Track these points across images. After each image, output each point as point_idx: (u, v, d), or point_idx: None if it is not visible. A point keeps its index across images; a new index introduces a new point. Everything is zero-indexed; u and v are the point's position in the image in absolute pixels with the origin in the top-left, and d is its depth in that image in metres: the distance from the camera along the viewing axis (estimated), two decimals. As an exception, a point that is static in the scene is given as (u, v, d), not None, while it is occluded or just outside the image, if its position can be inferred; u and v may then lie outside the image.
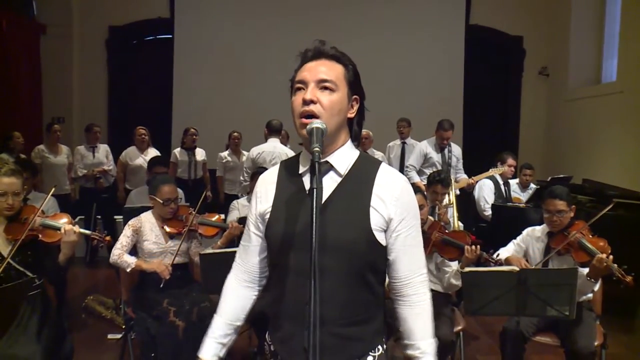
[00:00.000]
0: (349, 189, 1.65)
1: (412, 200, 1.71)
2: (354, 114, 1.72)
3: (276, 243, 1.69)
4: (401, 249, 1.68)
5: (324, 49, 1.71)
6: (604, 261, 3.29)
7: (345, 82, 1.67)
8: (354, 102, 1.71)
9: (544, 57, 10.54)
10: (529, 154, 9.73)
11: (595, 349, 3.49)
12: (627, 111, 8.16)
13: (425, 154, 6.33)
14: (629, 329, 5.28)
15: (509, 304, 3.04)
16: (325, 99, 1.62)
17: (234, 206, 5.11)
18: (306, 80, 1.65)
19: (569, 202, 3.65)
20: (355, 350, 1.66)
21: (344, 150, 1.70)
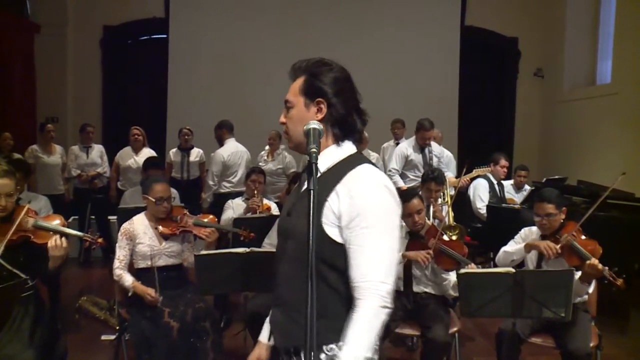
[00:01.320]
0: (320, 184, 1.68)
1: (373, 201, 1.69)
2: (321, 116, 1.79)
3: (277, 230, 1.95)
4: (350, 247, 1.69)
5: (293, 69, 1.88)
6: (595, 266, 3.29)
7: (301, 94, 1.81)
8: (320, 105, 1.80)
9: (539, 59, 10.57)
10: (524, 155, 9.75)
11: (591, 350, 3.49)
12: (621, 112, 8.19)
13: (406, 156, 6.23)
14: (623, 330, 5.29)
15: (505, 306, 3.04)
16: (287, 116, 1.86)
17: (228, 205, 5.10)
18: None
19: (558, 204, 3.64)
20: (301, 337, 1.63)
21: (328, 151, 1.80)
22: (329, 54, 1.94)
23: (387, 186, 1.73)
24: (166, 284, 3.78)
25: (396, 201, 1.73)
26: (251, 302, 4.04)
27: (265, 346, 1.95)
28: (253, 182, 5.08)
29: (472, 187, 6.33)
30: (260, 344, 1.96)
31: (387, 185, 1.73)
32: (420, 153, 6.27)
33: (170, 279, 3.85)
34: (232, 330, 4.74)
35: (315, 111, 1.78)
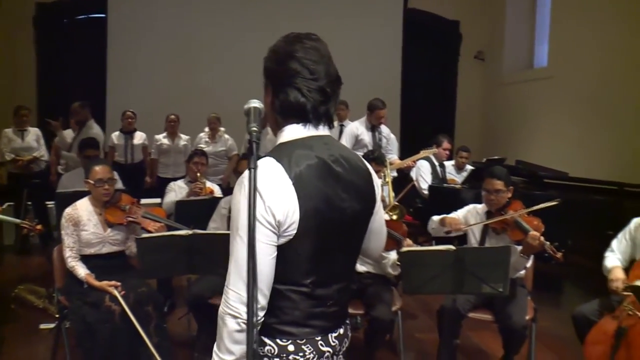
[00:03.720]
0: None
1: (235, 201, 1.56)
2: (269, 99, 1.67)
3: None
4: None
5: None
6: (536, 238, 3.40)
7: (263, 77, 1.69)
8: (267, 87, 1.69)
9: (479, 42, 10.77)
10: (465, 136, 9.94)
11: (527, 323, 3.62)
12: (557, 95, 8.46)
13: (356, 136, 6.27)
14: (558, 303, 5.52)
15: (446, 283, 3.10)
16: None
17: (171, 188, 5.04)
18: None
19: (507, 182, 3.75)
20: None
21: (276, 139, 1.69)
22: (272, 35, 1.82)
23: (257, 185, 1.47)
24: (108, 271, 3.70)
25: (265, 203, 1.50)
26: (194, 285, 4.01)
27: None
28: (195, 164, 5.02)
29: (415, 169, 6.43)
30: None
31: (256, 185, 1.47)
32: (370, 133, 6.31)
33: (113, 266, 3.79)
34: (177, 314, 4.70)
35: (269, 94, 1.67)
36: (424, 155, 6.27)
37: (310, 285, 1.61)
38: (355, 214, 1.68)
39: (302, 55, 1.63)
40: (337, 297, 1.69)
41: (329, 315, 1.68)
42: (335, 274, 1.69)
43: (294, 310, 1.61)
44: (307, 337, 1.63)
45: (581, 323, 3.56)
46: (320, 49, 1.68)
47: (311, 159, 1.59)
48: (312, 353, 1.63)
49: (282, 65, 1.63)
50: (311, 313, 1.63)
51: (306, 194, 1.54)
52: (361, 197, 1.70)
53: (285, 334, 1.61)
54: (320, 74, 1.64)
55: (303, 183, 1.55)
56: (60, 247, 3.79)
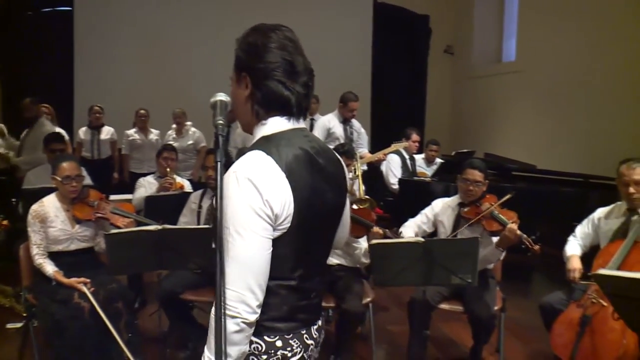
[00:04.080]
0: None
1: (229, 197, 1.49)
2: (247, 92, 1.63)
3: None
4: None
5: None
6: (514, 231, 3.45)
7: (235, 69, 1.66)
8: (242, 79, 1.63)
9: (449, 36, 10.86)
10: (435, 130, 10.03)
11: (495, 313, 3.69)
12: (525, 89, 8.58)
13: (328, 129, 6.29)
14: (526, 293, 5.61)
15: (415, 274, 3.12)
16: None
17: (140, 184, 4.99)
18: None
19: (485, 175, 3.80)
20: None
21: (255, 131, 1.66)
22: (241, 29, 1.77)
23: (253, 180, 1.49)
24: (77, 267, 3.66)
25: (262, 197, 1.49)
26: (165, 281, 3.98)
27: None
28: (165, 159, 4.98)
29: (385, 162, 6.47)
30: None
31: (252, 179, 1.49)
32: (342, 126, 6.34)
33: (82, 263, 3.74)
34: (148, 310, 4.67)
35: (244, 87, 1.63)
36: (394, 149, 6.30)
37: (298, 278, 1.61)
38: (335, 204, 1.71)
39: (280, 47, 1.63)
40: (319, 289, 1.71)
41: (312, 308, 1.69)
42: (317, 266, 1.70)
43: (283, 305, 1.60)
44: (294, 332, 1.63)
45: (548, 312, 3.63)
46: (296, 41, 1.69)
47: (297, 151, 1.59)
48: (299, 347, 1.64)
49: (261, 58, 1.61)
50: (297, 307, 1.63)
51: (297, 186, 1.54)
52: (339, 188, 1.72)
53: (273, 330, 1.60)
54: (300, 67, 1.66)
55: (294, 175, 1.54)
56: (27, 244, 3.73)
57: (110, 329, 3.38)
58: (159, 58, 9.20)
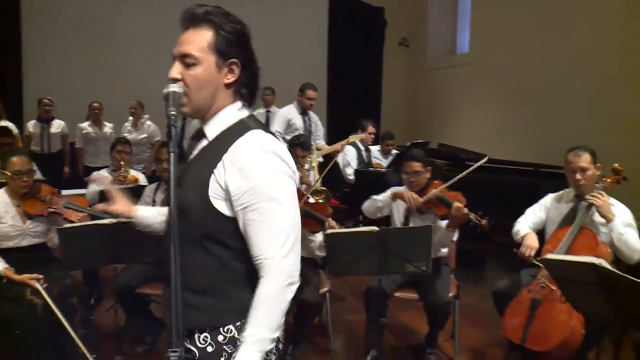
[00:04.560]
0: (207, 154, 1.63)
1: (264, 172, 1.56)
2: (232, 79, 1.64)
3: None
4: (247, 223, 1.57)
5: (191, 14, 1.62)
6: (461, 209, 3.53)
7: (212, 51, 1.60)
8: (232, 66, 1.63)
9: (404, 28, 10.93)
10: (391, 121, 10.13)
11: (450, 300, 3.77)
12: (478, 81, 8.72)
13: (288, 120, 6.34)
14: (481, 280, 5.73)
15: (370, 263, 3.17)
16: (188, 75, 1.59)
17: (93, 178, 4.92)
18: (173, 54, 1.62)
19: (425, 163, 3.86)
20: (195, 320, 1.61)
21: (221, 115, 1.66)
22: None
23: (277, 152, 1.59)
24: (29, 264, 3.58)
25: (290, 166, 1.62)
26: (121, 275, 3.94)
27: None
28: (119, 152, 4.92)
29: (341, 154, 6.51)
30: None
31: (276, 152, 1.59)
32: (301, 118, 6.39)
33: (34, 259, 3.66)
34: (105, 305, 4.61)
35: (226, 73, 1.63)
36: (352, 141, 6.36)
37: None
38: None
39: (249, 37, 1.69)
40: None
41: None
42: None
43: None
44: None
45: (500, 298, 3.72)
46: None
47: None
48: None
49: (247, 45, 1.67)
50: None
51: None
52: None
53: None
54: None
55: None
56: (-25, 241, 3.64)
57: (64, 326, 3.33)
58: (114, 49, 8.99)
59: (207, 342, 1.63)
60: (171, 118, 1.48)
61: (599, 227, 3.50)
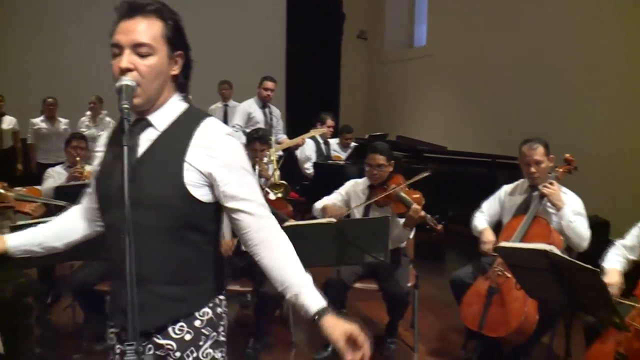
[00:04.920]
0: (165, 144, 1.62)
1: (235, 151, 1.65)
2: (177, 71, 1.65)
3: (101, 202, 1.69)
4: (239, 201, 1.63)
5: (139, 3, 1.59)
6: (418, 212, 3.57)
7: (164, 41, 1.59)
8: (177, 58, 1.64)
9: (362, 22, 10.98)
10: (349, 114, 10.18)
11: (409, 290, 3.82)
12: (435, 73, 8.83)
13: (248, 113, 6.35)
14: (440, 270, 5.81)
15: (329, 255, 3.18)
16: (143, 65, 1.55)
17: (49, 174, 4.81)
18: (121, 43, 1.56)
19: (389, 157, 3.89)
20: (177, 310, 1.64)
21: (167, 106, 1.65)
22: None
23: (233, 134, 1.69)
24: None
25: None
26: (78, 272, 3.88)
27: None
28: (74, 148, 4.81)
29: (300, 148, 6.54)
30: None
31: (233, 134, 1.69)
32: (262, 112, 6.39)
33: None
34: (63, 304, 4.53)
35: (173, 64, 1.63)
36: (312, 134, 6.39)
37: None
38: None
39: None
40: None
41: None
42: None
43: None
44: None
45: (458, 286, 3.79)
46: None
47: None
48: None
49: (184, 36, 1.66)
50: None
51: None
52: None
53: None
54: None
55: None
56: None
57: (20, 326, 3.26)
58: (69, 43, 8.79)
59: (183, 330, 1.65)
60: (124, 111, 1.46)
61: (552, 216, 3.59)
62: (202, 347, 1.68)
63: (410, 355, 4.02)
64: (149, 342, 1.64)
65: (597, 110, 5.83)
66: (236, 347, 3.91)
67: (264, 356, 3.88)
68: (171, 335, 1.64)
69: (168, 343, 1.63)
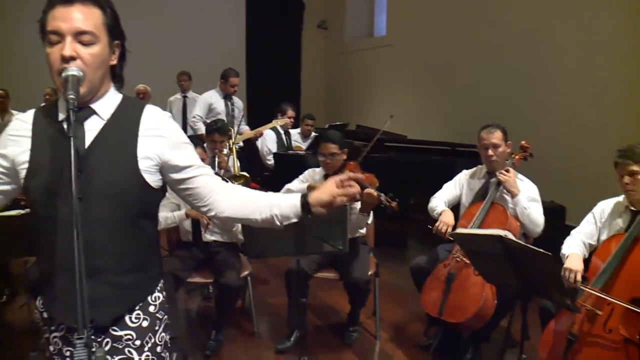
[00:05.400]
0: (114, 133, 1.59)
1: (178, 130, 1.71)
2: (115, 61, 1.63)
3: (41, 194, 1.57)
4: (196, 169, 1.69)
5: None
6: (371, 193, 3.57)
7: (105, 29, 1.55)
8: (115, 47, 1.61)
9: (322, 12, 10.97)
10: (310, 104, 10.16)
11: (369, 278, 3.84)
12: (395, 63, 8.87)
13: (209, 104, 6.33)
14: (402, 258, 5.86)
15: (288, 245, 3.16)
16: (86, 53, 1.51)
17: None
18: (62, 31, 1.49)
19: (341, 145, 3.89)
20: (133, 297, 1.66)
21: (108, 96, 1.63)
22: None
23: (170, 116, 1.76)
24: None
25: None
26: (34, 268, 3.79)
27: None
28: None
29: (260, 139, 6.51)
30: None
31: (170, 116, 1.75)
32: (223, 102, 6.36)
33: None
34: (19, 301, 4.43)
35: (112, 54, 1.60)
36: (273, 125, 6.37)
37: None
38: None
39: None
40: None
41: None
42: None
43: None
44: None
45: (418, 273, 3.83)
46: None
47: None
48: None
49: (120, 26, 1.63)
50: None
51: None
52: None
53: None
54: None
55: None
56: None
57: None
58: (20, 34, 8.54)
59: (140, 317, 1.67)
60: (70, 102, 1.42)
61: (509, 202, 3.64)
62: (158, 331, 1.71)
63: (373, 343, 4.04)
64: (106, 336, 1.62)
65: (552, 99, 5.94)
66: (198, 340, 3.89)
67: (227, 347, 3.86)
68: (129, 325, 1.65)
69: (127, 333, 1.64)
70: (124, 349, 1.64)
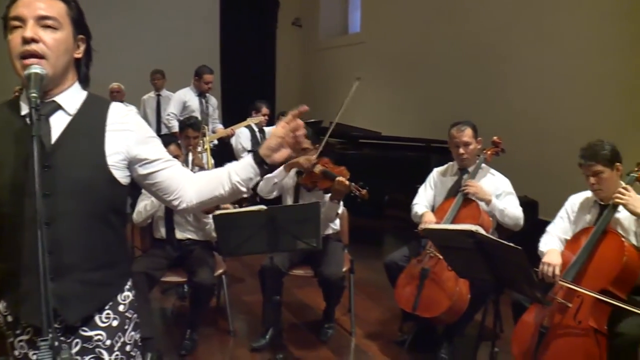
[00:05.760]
0: (81, 129, 1.57)
1: (144, 125, 1.72)
2: (81, 54, 1.62)
3: (5, 192, 1.52)
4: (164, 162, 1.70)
5: None
6: (342, 182, 3.60)
7: (69, 20, 1.55)
8: (79, 41, 1.60)
9: (296, 9, 10.94)
10: (285, 101, 10.13)
11: (343, 274, 3.85)
12: (370, 59, 8.88)
13: (184, 102, 6.31)
14: (377, 254, 5.87)
15: (261, 242, 3.16)
16: (49, 37, 1.50)
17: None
18: (24, 16, 1.49)
19: (312, 141, 3.91)
20: (103, 295, 1.65)
21: (73, 90, 1.61)
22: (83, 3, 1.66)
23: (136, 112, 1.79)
24: None
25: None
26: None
27: None
28: None
29: (235, 137, 6.47)
30: None
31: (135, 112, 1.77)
32: (198, 100, 6.33)
33: None
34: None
35: (76, 47, 1.59)
36: (248, 123, 6.34)
37: None
38: None
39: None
40: None
41: None
42: None
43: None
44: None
45: (392, 269, 3.85)
46: None
47: None
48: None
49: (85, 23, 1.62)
50: None
51: None
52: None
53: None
54: None
55: None
56: None
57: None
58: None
59: (110, 317, 1.66)
60: (32, 100, 1.38)
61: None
62: (127, 330, 1.70)
63: (348, 340, 4.05)
64: (76, 337, 1.60)
65: (523, 95, 5.99)
66: (174, 339, 3.87)
67: (202, 346, 3.84)
68: (99, 325, 1.63)
69: (97, 333, 1.62)
70: (94, 349, 1.62)
